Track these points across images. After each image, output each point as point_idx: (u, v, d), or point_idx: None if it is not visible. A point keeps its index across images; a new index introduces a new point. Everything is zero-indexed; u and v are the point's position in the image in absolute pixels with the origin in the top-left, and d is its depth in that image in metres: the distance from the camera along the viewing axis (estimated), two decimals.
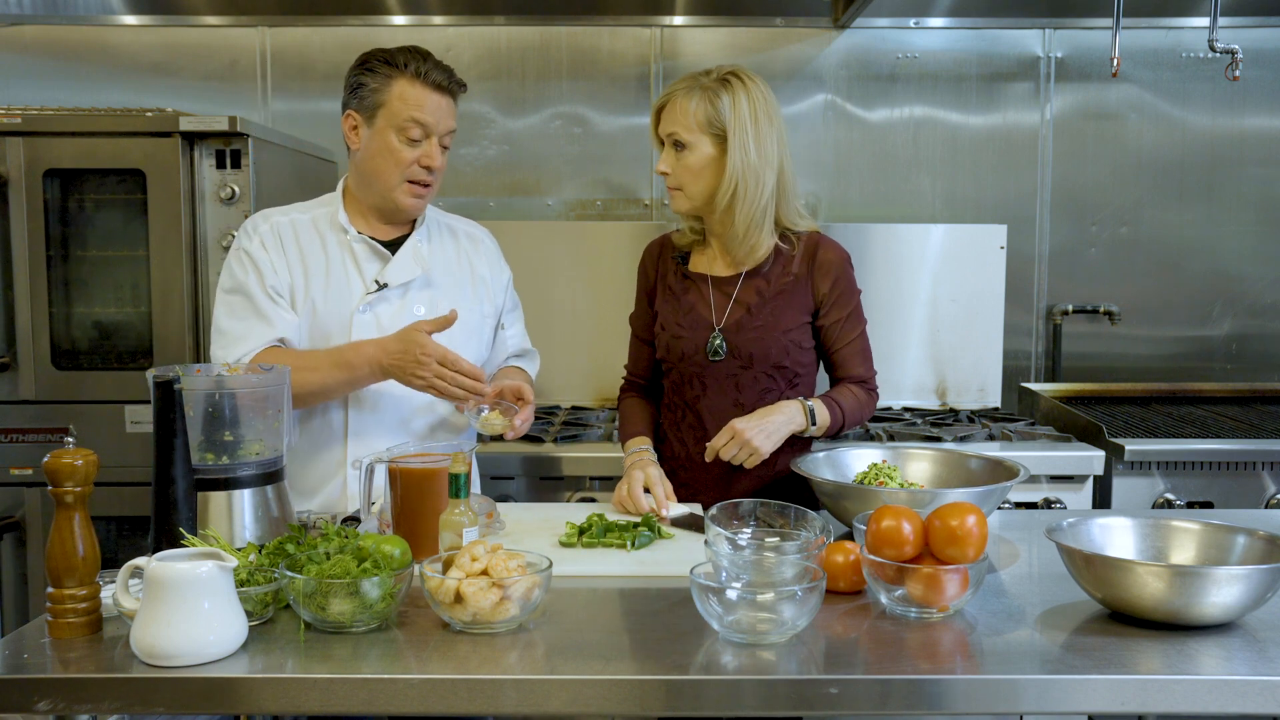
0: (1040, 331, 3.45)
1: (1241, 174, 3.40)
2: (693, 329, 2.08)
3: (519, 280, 2.36)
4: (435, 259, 2.13)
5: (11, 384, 2.69)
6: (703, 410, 2.09)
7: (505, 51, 3.37)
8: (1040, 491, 2.61)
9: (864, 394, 2.11)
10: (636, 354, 2.24)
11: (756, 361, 2.04)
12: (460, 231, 2.23)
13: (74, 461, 1.35)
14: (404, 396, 2.05)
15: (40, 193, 2.64)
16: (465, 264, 2.18)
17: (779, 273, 2.05)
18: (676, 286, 2.13)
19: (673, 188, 2.05)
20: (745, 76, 1.99)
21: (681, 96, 1.99)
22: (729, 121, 1.96)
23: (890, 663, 1.29)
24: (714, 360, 2.06)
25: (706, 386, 2.08)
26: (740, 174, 1.97)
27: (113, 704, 1.26)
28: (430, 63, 2.00)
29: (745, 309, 2.05)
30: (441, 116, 2.01)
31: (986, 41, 3.37)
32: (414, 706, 1.25)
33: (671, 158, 2.02)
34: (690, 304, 2.10)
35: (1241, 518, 2.16)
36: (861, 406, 2.10)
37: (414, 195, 2.04)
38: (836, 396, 2.07)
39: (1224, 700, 1.25)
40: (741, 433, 1.93)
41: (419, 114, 1.98)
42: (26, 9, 3.29)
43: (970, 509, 1.45)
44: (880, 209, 3.41)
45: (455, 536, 1.56)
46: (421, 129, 1.99)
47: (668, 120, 2.02)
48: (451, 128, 2.05)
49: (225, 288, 2.04)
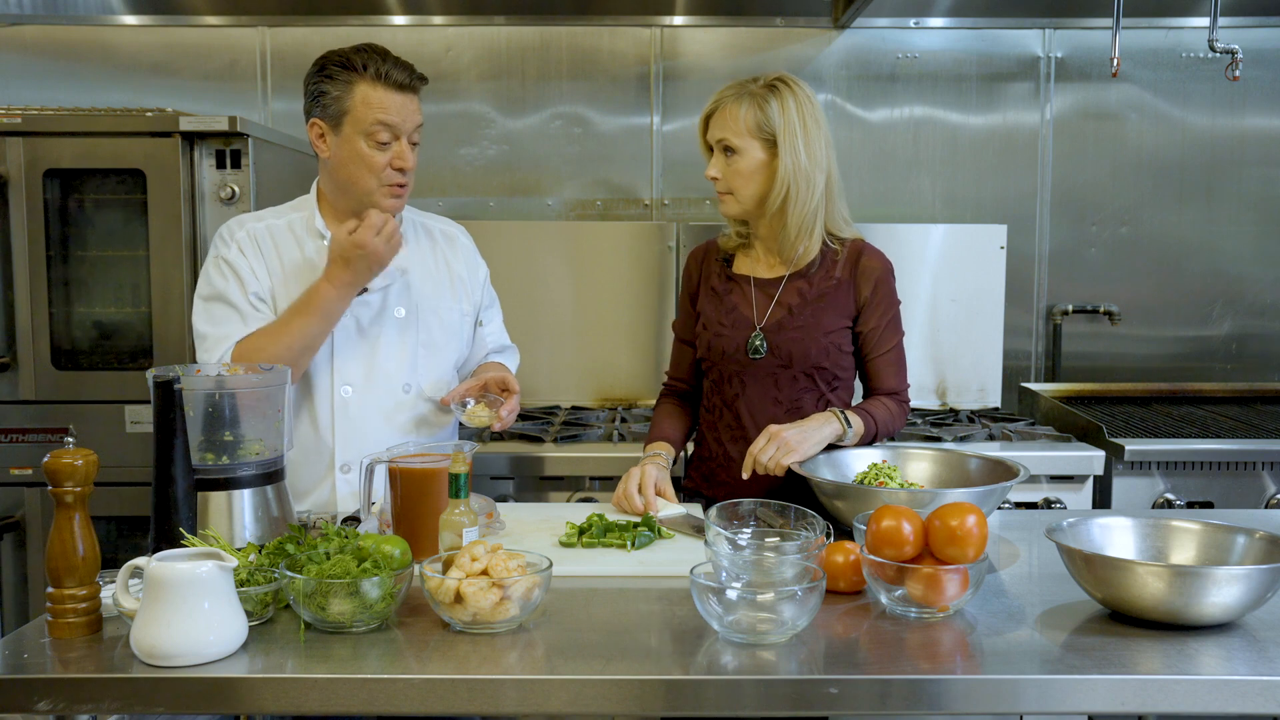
0: (1040, 331, 3.45)
1: (1241, 174, 3.40)
2: (734, 327, 2.10)
3: (519, 280, 2.37)
4: (413, 260, 2.13)
5: (11, 384, 2.69)
6: (741, 409, 2.11)
7: (505, 51, 3.37)
8: (1040, 491, 2.61)
9: (895, 406, 2.12)
10: (678, 358, 2.26)
11: (796, 361, 2.06)
12: (436, 231, 2.23)
13: (74, 461, 1.35)
14: (387, 397, 2.07)
15: (40, 193, 2.64)
16: (442, 263, 2.19)
17: (822, 276, 2.08)
18: (720, 287, 2.16)
19: (723, 192, 2.07)
20: (792, 82, 2.03)
21: (730, 103, 2.02)
22: (778, 126, 1.99)
23: (890, 663, 1.29)
24: (754, 359, 2.08)
25: (746, 385, 2.10)
26: (792, 177, 2.01)
27: (113, 704, 1.26)
28: (389, 62, 1.98)
29: (787, 309, 2.08)
30: (407, 115, 2.00)
31: (986, 41, 3.37)
32: (414, 706, 1.25)
33: (721, 163, 2.05)
34: (733, 304, 2.12)
35: (1241, 518, 2.16)
36: (893, 418, 2.10)
37: (393, 196, 2.04)
38: (869, 408, 2.08)
39: (1224, 700, 1.25)
40: (778, 432, 1.93)
41: (384, 116, 1.97)
42: (26, 9, 3.29)
43: (970, 509, 1.45)
44: (880, 209, 3.41)
45: (455, 536, 1.56)
46: (389, 131, 1.98)
47: (717, 126, 2.04)
48: (418, 123, 2.03)
49: (203, 295, 2.03)
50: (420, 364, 2.12)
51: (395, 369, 2.09)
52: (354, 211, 2.06)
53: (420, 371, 2.12)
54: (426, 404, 2.12)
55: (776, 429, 1.94)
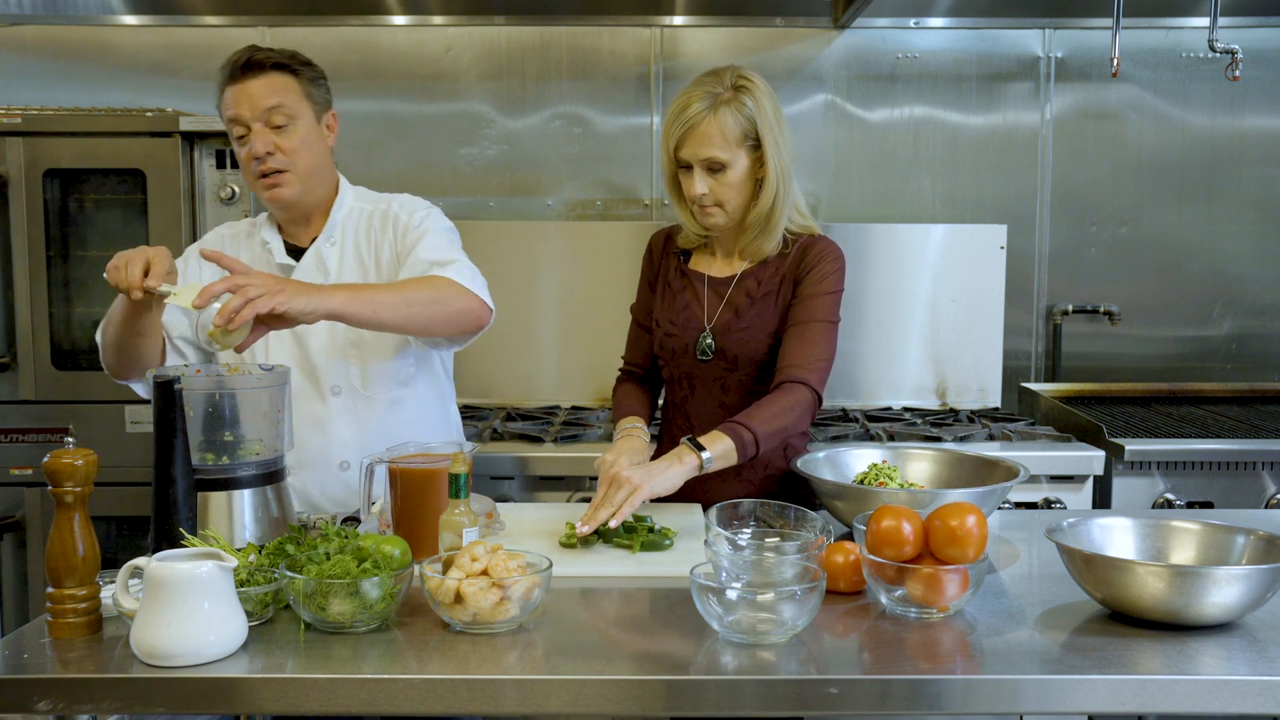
0: (1040, 331, 3.45)
1: (1241, 174, 3.40)
2: (684, 328, 2.07)
3: (519, 280, 2.35)
4: (345, 257, 2.05)
5: (11, 384, 2.69)
6: (690, 411, 2.08)
7: (505, 51, 3.37)
8: (1040, 491, 2.61)
9: (789, 398, 1.90)
10: (635, 341, 2.20)
11: (742, 364, 2.03)
12: (376, 214, 2.08)
13: (74, 461, 1.35)
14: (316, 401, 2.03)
15: (40, 193, 2.64)
16: (372, 253, 2.06)
17: (770, 274, 2.04)
18: (675, 283, 2.11)
19: (709, 206, 1.96)
20: (751, 76, 1.95)
21: (705, 119, 1.90)
22: (761, 127, 1.92)
23: (890, 663, 1.29)
24: (702, 360, 2.05)
25: (695, 388, 2.07)
26: (780, 174, 1.95)
27: (113, 704, 1.26)
28: (237, 56, 1.94)
29: (734, 310, 2.04)
30: (250, 102, 1.92)
31: (986, 41, 3.37)
32: (414, 706, 1.25)
33: (707, 180, 1.94)
34: (685, 302, 2.09)
35: (1241, 518, 2.16)
36: (785, 413, 1.88)
37: (268, 188, 1.97)
38: (744, 418, 1.86)
39: (1224, 700, 1.26)
40: (616, 475, 1.76)
41: (230, 113, 1.95)
42: (26, 9, 3.29)
43: (970, 509, 1.45)
44: (880, 209, 3.41)
45: (455, 536, 1.56)
46: (239, 125, 1.95)
47: (698, 146, 1.92)
48: (269, 105, 1.92)
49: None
50: (351, 362, 2.04)
51: (324, 367, 2.03)
52: (280, 218, 2.06)
53: (352, 370, 2.04)
54: (363, 400, 2.05)
55: (615, 469, 1.77)
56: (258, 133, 1.93)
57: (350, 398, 2.05)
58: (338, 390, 2.04)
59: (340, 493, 2.05)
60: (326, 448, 2.04)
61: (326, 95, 2.06)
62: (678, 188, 2.02)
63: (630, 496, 1.72)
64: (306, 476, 2.03)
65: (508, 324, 2.34)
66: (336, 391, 2.04)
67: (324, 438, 2.04)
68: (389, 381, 2.06)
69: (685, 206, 2.03)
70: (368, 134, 3.34)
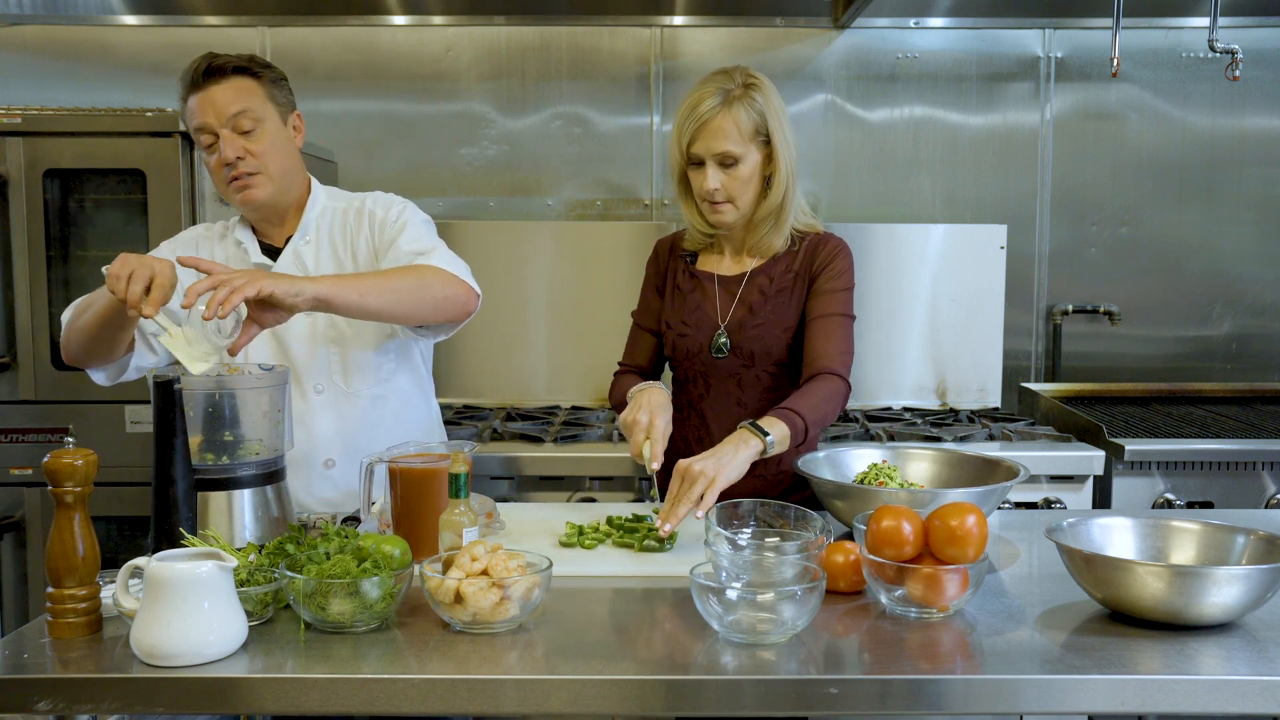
0: (1040, 331, 3.45)
1: (1241, 174, 3.40)
2: (698, 327, 2.08)
3: (518, 280, 2.35)
4: (321, 254, 2.05)
5: (11, 384, 2.69)
6: (706, 410, 2.08)
7: (505, 51, 3.37)
8: (1040, 491, 2.61)
9: (827, 387, 1.93)
10: (635, 344, 2.20)
11: (759, 360, 2.04)
12: (351, 211, 2.08)
13: (74, 461, 1.35)
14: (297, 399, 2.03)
15: (40, 193, 2.64)
16: (349, 249, 2.06)
17: (782, 270, 2.05)
18: (685, 285, 2.13)
19: (721, 202, 1.98)
20: (759, 75, 1.99)
21: (719, 114, 1.93)
22: (771, 123, 1.96)
23: (890, 663, 1.29)
24: (718, 358, 2.06)
25: (710, 386, 2.08)
26: (789, 169, 1.99)
27: (113, 704, 1.26)
28: (197, 64, 1.93)
29: (748, 307, 2.05)
30: (216, 108, 1.92)
31: (986, 41, 3.37)
32: (414, 706, 1.25)
33: (719, 174, 1.96)
34: (696, 303, 2.10)
35: (1241, 518, 2.16)
36: (826, 402, 1.91)
37: (240, 191, 1.97)
38: (794, 404, 1.88)
39: (1224, 700, 1.26)
40: (688, 467, 1.74)
41: (196, 121, 1.94)
42: (26, 9, 3.29)
43: (970, 509, 1.45)
44: (880, 209, 3.41)
45: (455, 536, 1.56)
46: (206, 133, 1.94)
47: (711, 141, 1.94)
48: (235, 110, 1.92)
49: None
50: (331, 357, 2.04)
51: (305, 364, 2.03)
52: (253, 219, 2.06)
53: (333, 366, 2.04)
54: (345, 396, 2.05)
55: (686, 463, 1.74)
56: (226, 139, 1.93)
57: (332, 394, 2.05)
58: (320, 389, 2.05)
59: (327, 491, 2.05)
60: (310, 446, 2.03)
61: (289, 96, 2.06)
62: (686, 186, 2.04)
63: (709, 489, 1.71)
64: (292, 475, 2.02)
65: (508, 324, 2.33)
66: (319, 390, 2.04)
67: (307, 435, 2.03)
68: (370, 377, 2.06)
69: (693, 205, 2.05)
70: (368, 134, 3.34)
